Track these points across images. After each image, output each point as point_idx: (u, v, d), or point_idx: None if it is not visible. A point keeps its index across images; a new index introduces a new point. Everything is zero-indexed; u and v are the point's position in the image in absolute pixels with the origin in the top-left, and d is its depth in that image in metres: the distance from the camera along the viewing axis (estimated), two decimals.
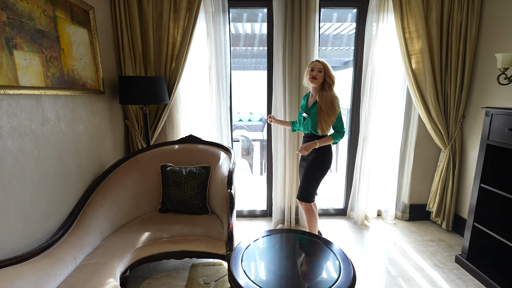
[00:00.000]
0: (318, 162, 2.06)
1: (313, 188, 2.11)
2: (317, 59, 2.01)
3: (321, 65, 1.95)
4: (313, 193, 2.13)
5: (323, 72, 1.94)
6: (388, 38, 2.56)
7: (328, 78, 1.95)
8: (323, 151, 2.05)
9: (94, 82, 2.00)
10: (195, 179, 2.16)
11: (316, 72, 1.94)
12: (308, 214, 2.17)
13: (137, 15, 2.32)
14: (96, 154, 2.07)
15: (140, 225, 2.02)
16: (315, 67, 1.95)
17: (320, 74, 1.94)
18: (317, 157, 2.06)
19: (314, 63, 1.98)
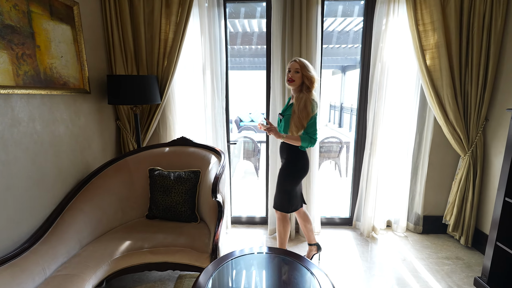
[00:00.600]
0: (289, 170, 1.91)
1: (287, 198, 1.94)
2: (295, 59, 1.82)
3: (298, 65, 1.77)
4: (288, 202, 1.96)
5: (301, 72, 1.77)
6: (399, 33, 2.31)
7: (306, 79, 1.77)
8: (295, 157, 1.89)
9: (78, 81, 1.91)
10: (183, 184, 2.03)
11: (292, 73, 1.78)
12: (280, 224, 2.00)
13: (127, 11, 2.22)
14: (81, 156, 1.98)
15: (123, 232, 1.91)
16: (291, 67, 1.79)
17: (297, 75, 1.77)
18: (288, 163, 1.91)
19: (291, 63, 1.80)
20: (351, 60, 7.85)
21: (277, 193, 1.99)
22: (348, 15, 3.50)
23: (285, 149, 1.93)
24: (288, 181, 1.93)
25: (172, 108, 2.46)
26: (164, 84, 2.32)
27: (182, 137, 2.29)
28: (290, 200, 1.96)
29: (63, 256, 1.59)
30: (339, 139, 4.48)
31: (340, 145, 4.52)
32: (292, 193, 1.96)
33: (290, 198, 1.96)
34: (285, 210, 1.97)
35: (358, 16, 3.67)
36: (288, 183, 1.93)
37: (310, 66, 1.80)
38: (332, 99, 12.03)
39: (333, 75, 11.97)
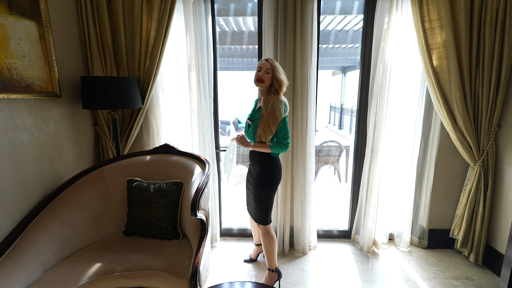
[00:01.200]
0: (264, 179, 1.81)
1: (267, 208, 1.86)
2: (267, 58, 1.72)
3: (270, 65, 1.68)
4: (269, 213, 1.88)
5: (271, 73, 1.68)
6: (403, 31, 2.12)
7: (276, 81, 1.68)
8: (267, 165, 1.80)
9: (45, 84, 1.71)
10: (164, 197, 1.83)
11: (263, 72, 1.68)
12: (264, 238, 1.89)
13: (105, 6, 2.02)
14: (50, 167, 1.79)
15: (95, 252, 1.71)
16: (262, 66, 1.68)
17: (267, 76, 1.68)
18: (262, 172, 1.81)
19: (262, 63, 1.70)
20: (351, 61, 7.66)
21: (257, 206, 1.87)
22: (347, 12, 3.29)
23: (257, 157, 1.82)
24: (266, 190, 1.83)
25: (156, 112, 2.27)
26: (146, 87, 2.13)
27: (165, 144, 2.10)
28: (269, 210, 1.88)
29: (20, 283, 1.40)
30: (338, 143, 4.28)
31: (340, 149, 4.32)
32: (270, 202, 1.87)
33: (269, 208, 1.87)
34: (267, 222, 1.88)
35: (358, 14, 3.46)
36: (267, 192, 1.83)
37: (281, 69, 1.74)
38: (333, 100, 11.82)
39: (333, 75, 11.77)
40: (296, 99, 2.17)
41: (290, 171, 2.28)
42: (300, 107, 2.18)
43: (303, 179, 2.28)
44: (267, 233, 1.88)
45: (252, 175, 1.89)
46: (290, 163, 2.27)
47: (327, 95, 12.13)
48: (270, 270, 1.96)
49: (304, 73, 2.14)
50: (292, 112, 2.20)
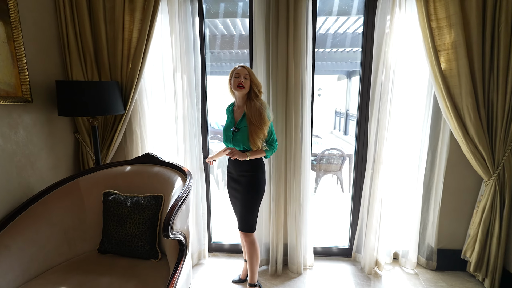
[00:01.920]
0: (254, 185, 1.80)
1: (255, 215, 1.84)
2: (241, 65, 1.74)
3: (247, 71, 1.71)
4: (256, 220, 1.85)
5: (249, 79, 1.70)
6: (407, 32, 1.93)
7: (255, 85, 1.72)
8: (257, 171, 1.80)
9: (13, 88, 1.58)
10: (141, 213, 1.67)
11: (242, 78, 1.69)
12: (252, 247, 1.84)
13: (85, 6, 1.90)
14: (18, 178, 1.65)
15: (62, 273, 1.55)
16: (240, 73, 1.69)
17: (246, 81, 1.70)
18: (252, 179, 1.79)
19: (239, 69, 1.71)
20: (356, 65, 7.47)
21: (248, 213, 1.81)
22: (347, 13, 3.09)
23: (246, 163, 1.79)
24: (256, 195, 1.81)
25: (140, 119, 2.12)
26: (129, 92, 1.99)
27: (148, 153, 1.94)
28: (256, 217, 1.85)
29: None
30: (340, 151, 4.07)
31: (342, 157, 4.11)
32: (258, 208, 1.85)
33: (257, 215, 1.86)
34: (254, 229, 1.85)
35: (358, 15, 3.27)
36: (257, 198, 1.82)
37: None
38: (338, 106, 11.60)
39: (338, 80, 11.57)
40: (289, 105, 1.99)
41: (283, 184, 2.09)
42: (294, 114, 2.00)
43: (297, 193, 2.09)
44: (254, 242, 1.85)
45: (240, 182, 1.83)
46: (283, 175, 2.08)
47: (332, 100, 11.91)
48: (252, 285, 1.89)
49: (298, 78, 1.97)
50: (284, 120, 2.03)
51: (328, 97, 12.14)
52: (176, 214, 1.44)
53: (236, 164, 1.83)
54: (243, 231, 1.83)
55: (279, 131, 2.04)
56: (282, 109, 2.01)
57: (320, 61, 7.60)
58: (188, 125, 2.11)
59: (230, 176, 1.91)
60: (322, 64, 7.97)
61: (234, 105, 1.86)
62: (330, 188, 4.68)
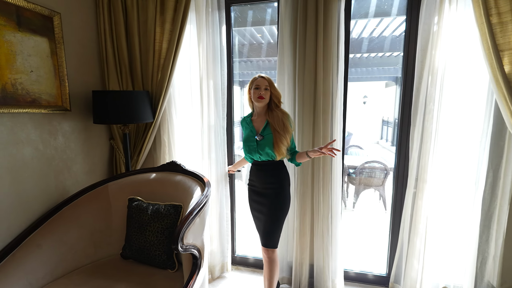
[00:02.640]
0: (281, 198, 1.74)
1: (280, 230, 1.77)
2: (261, 75, 1.71)
3: (267, 81, 1.68)
4: (280, 236, 1.79)
5: (269, 89, 1.69)
6: (459, 31, 1.66)
7: (275, 97, 1.71)
8: (284, 183, 1.75)
9: (54, 98, 1.72)
10: (161, 221, 1.67)
11: (262, 90, 1.67)
12: (274, 265, 1.77)
13: (122, 21, 2.02)
14: (55, 181, 1.78)
15: (85, 275, 1.61)
16: (261, 84, 1.67)
17: (267, 92, 1.68)
18: (279, 191, 1.73)
19: (259, 80, 1.69)
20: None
21: (272, 228, 1.74)
22: (386, 14, 2.80)
23: (275, 174, 1.75)
24: (284, 210, 1.76)
25: (168, 127, 2.16)
26: (157, 100, 2.04)
27: (172, 161, 1.96)
28: (280, 232, 1.79)
29: None
30: (383, 164, 3.71)
31: (385, 171, 3.73)
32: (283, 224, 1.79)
33: (281, 230, 1.79)
34: (277, 245, 1.78)
35: (397, 15, 2.95)
36: (284, 212, 1.76)
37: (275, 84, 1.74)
38: (385, 114, 10.79)
39: (386, 87, 10.80)
40: (317, 115, 1.85)
41: (310, 200, 1.94)
42: (323, 124, 1.84)
43: (325, 211, 1.91)
44: (276, 259, 1.78)
45: (266, 195, 1.76)
46: (310, 190, 1.93)
47: (379, 108, 11.14)
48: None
49: (328, 85, 1.82)
50: (311, 130, 1.88)
51: (375, 105, 11.40)
52: (188, 226, 1.39)
53: (261, 176, 1.76)
54: (268, 247, 1.75)
55: (305, 142, 1.90)
56: (309, 119, 1.88)
57: (364, 67, 7.18)
58: (214, 133, 2.09)
59: (253, 189, 1.83)
60: (368, 70, 7.51)
61: (252, 115, 1.80)
62: (371, 204, 4.29)
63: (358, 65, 7.15)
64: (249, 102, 1.79)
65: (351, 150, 5.38)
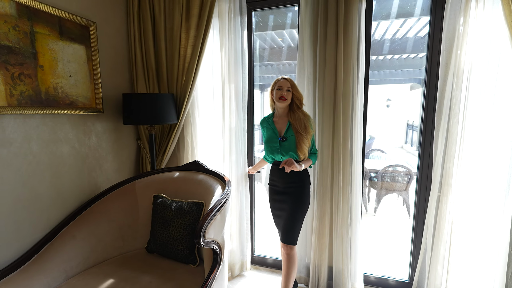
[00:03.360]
0: (302, 197, 1.79)
1: (299, 227, 1.82)
2: (283, 77, 1.76)
3: (289, 83, 1.73)
4: (299, 233, 1.83)
5: (291, 91, 1.73)
6: (487, 31, 1.62)
7: (296, 98, 1.75)
8: (307, 181, 1.82)
9: (89, 101, 1.87)
10: (184, 217, 1.74)
11: (284, 91, 1.72)
12: (292, 261, 1.81)
13: (150, 28, 2.14)
14: (88, 178, 1.91)
15: (114, 266, 1.72)
16: (283, 85, 1.72)
17: (289, 94, 1.73)
18: (301, 190, 1.79)
19: (281, 82, 1.73)
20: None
21: (292, 225, 1.78)
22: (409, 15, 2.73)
23: (297, 174, 1.78)
24: (304, 208, 1.81)
25: (191, 128, 2.26)
26: (182, 103, 2.14)
27: (195, 161, 2.04)
28: (300, 230, 1.84)
29: None
30: (407, 168, 3.60)
31: (409, 175, 3.62)
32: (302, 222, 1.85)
33: (300, 228, 1.84)
34: (296, 242, 1.82)
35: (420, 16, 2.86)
36: (304, 210, 1.82)
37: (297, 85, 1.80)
38: (410, 118, 10.42)
39: (411, 90, 10.44)
40: (337, 117, 1.85)
41: (329, 201, 1.94)
42: (343, 126, 1.85)
43: (345, 212, 1.91)
44: (295, 256, 1.82)
45: (288, 193, 1.81)
46: (329, 191, 1.93)
47: (404, 111, 10.77)
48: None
49: (348, 87, 1.82)
50: (331, 132, 1.89)
51: (399, 109, 11.04)
52: (210, 222, 1.46)
53: (284, 176, 1.79)
54: (287, 244, 1.80)
55: (325, 144, 1.91)
56: (329, 121, 1.89)
57: (388, 69, 7.01)
58: (235, 135, 2.16)
59: (274, 188, 1.88)
60: (391, 73, 7.32)
61: (273, 116, 1.85)
62: (393, 210, 4.17)
63: (381, 67, 6.99)
64: (271, 103, 1.85)
65: (373, 154, 5.26)
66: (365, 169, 3.77)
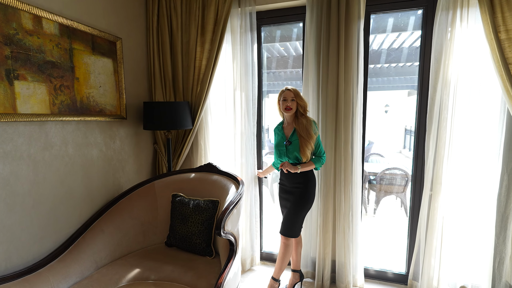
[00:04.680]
0: (305, 196, 1.97)
1: (297, 223, 1.98)
2: (287, 88, 1.94)
3: (293, 93, 1.91)
4: (300, 227, 2.01)
5: (295, 100, 1.91)
6: (470, 45, 1.83)
7: (300, 106, 1.93)
8: (311, 183, 1.98)
9: (115, 108, 2.07)
10: (201, 214, 1.93)
11: (289, 102, 1.91)
12: (286, 248, 1.99)
13: (168, 42, 2.36)
14: (112, 178, 2.10)
15: (138, 258, 1.90)
16: (287, 96, 1.91)
17: (293, 103, 1.91)
18: (304, 190, 1.97)
19: (286, 93, 1.92)
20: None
21: (291, 219, 1.98)
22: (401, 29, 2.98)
23: (300, 175, 1.97)
24: (306, 204, 1.98)
25: (204, 133, 2.46)
26: (196, 110, 2.34)
27: (209, 163, 2.23)
28: (301, 224, 2.01)
29: (76, 276, 1.64)
30: (404, 171, 3.80)
31: (406, 178, 3.81)
32: (304, 216, 2.01)
33: (299, 224, 2.00)
34: (295, 235, 2.00)
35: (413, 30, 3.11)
36: (307, 206, 1.98)
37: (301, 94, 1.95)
38: (408, 123, 10.65)
39: (408, 96, 10.69)
40: (339, 122, 2.06)
41: (332, 199, 2.13)
42: (344, 130, 2.05)
43: (346, 209, 2.10)
44: (290, 244, 2.00)
45: (293, 192, 2.00)
46: (332, 190, 2.12)
47: (401, 117, 11.01)
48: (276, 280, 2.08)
49: (349, 95, 2.03)
50: (334, 136, 2.09)
51: (397, 114, 11.28)
52: (228, 216, 1.64)
53: (290, 177, 1.99)
54: (283, 235, 1.99)
55: (328, 147, 2.11)
56: (331, 126, 2.09)
57: (385, 76, 7.25)
58: (245, 139, 2.35)
59: (283, 187, 2.08)
60: (389, 80, 7.56)
61: (283, 123, 2.05)
62: (392, 211, 4.34)
63: (379, 75, 7.24)
64: (279, 112, 2.03)
65: (372, 158, 5.45)
66: (365, 172, 3.96)
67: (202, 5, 2.26)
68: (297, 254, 2.14)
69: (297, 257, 2.15)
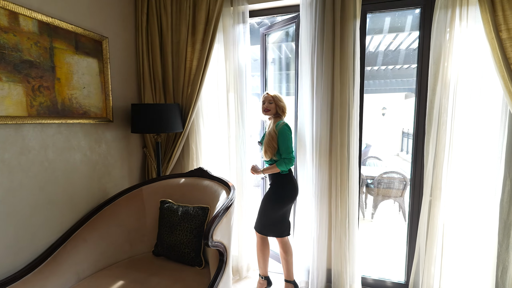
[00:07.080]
0: (271, 197, 2.03)
1: (267, 222, 2.04)
2: (267, 92, 2.04)
3: (271, 96, 2.01)
4: (269, 228, 2.03)
5: (274, 102, 2.00)
6: (470, 45, 1.76)
7: (279, 108, 2.01)
8: (282, 187, 2.01)
9: (100, 111, 1.97)
10: (189, 222, 1.83)
11: (267, 104, 2.01)
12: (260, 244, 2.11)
13: (158, 42, 2.27)
14: (98, 184, 2.00)
15: (123, 268, 1.79)
16: (265, 99, 2.02)
17: (271, 105, 2.00)
18: (272, 191, 2.03)
19: (265, 96, 2.03)
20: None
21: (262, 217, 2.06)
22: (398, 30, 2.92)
23: (273, 175, 2.03)
24: (275, 208, 2.00)
25: (196, 136, 2.37)
26: (187, 112, 2.25)
27: (200, 168, 2.14)
28: (273, 224, 2.02)
29: None
30: (402, 175, 3.72)
31: (404, 182, 3.74)
32: (273, 217, 2.02)
33: (267, 222, 2.03)
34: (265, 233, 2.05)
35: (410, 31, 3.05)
36: (275, 210, 2.00)
37: (282, 97, 2.03)
38: (405, 126, 10.62)
39: (406, 98, 10.67)
40: (334, 125, 1.97)
41: (327, 204, 2.04)
42: (340, 133, 1.97)
43: (343, 216, 2.01)
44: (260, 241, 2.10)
45: (267, 192, 2.09)
46: (327, 196, 2.03)
47: (399, 120, 10.98)
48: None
49: (345, 97, 1.95)
50: (328, 139, 2.01)
51: (394, 117, 11.26)
52: (216, 224, 1.55)
53: (269, 177, 2.09)
54: (254, 229, 2.11)
55: (322, 151, 2.02)
56: (326, 128, 2.00)
57: (382, 79, 7.22)
58: (239, 143, 2.26)
59: None
60: (386, 82, 7.53)
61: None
62: (390, 215, 4.26)
63: (376, 77, 7.21)
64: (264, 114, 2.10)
65: (369, 161, 5.38)
66: (362, 176, 3.88)
67: (193, 4, 2.18)
68: (287, 263, 2.07)
69: (288, 266, 2.08)
